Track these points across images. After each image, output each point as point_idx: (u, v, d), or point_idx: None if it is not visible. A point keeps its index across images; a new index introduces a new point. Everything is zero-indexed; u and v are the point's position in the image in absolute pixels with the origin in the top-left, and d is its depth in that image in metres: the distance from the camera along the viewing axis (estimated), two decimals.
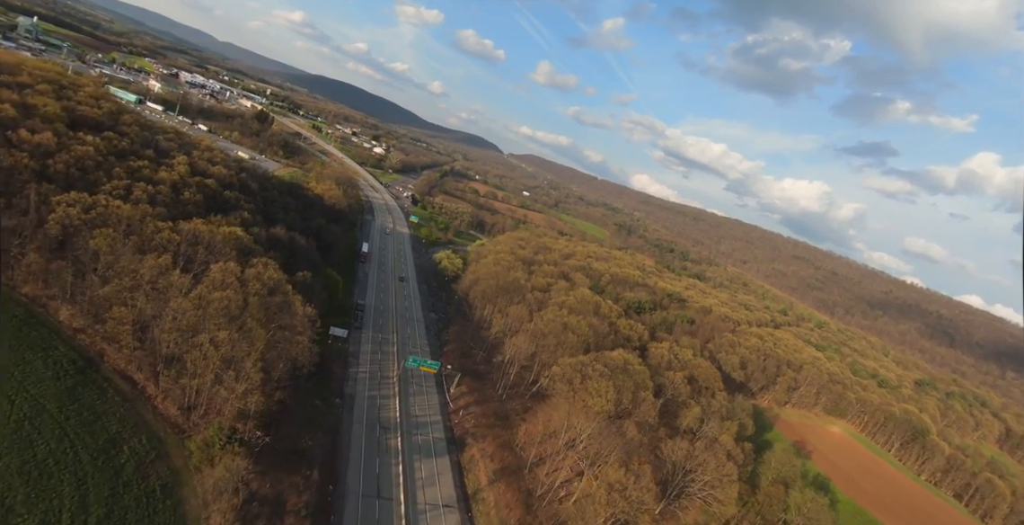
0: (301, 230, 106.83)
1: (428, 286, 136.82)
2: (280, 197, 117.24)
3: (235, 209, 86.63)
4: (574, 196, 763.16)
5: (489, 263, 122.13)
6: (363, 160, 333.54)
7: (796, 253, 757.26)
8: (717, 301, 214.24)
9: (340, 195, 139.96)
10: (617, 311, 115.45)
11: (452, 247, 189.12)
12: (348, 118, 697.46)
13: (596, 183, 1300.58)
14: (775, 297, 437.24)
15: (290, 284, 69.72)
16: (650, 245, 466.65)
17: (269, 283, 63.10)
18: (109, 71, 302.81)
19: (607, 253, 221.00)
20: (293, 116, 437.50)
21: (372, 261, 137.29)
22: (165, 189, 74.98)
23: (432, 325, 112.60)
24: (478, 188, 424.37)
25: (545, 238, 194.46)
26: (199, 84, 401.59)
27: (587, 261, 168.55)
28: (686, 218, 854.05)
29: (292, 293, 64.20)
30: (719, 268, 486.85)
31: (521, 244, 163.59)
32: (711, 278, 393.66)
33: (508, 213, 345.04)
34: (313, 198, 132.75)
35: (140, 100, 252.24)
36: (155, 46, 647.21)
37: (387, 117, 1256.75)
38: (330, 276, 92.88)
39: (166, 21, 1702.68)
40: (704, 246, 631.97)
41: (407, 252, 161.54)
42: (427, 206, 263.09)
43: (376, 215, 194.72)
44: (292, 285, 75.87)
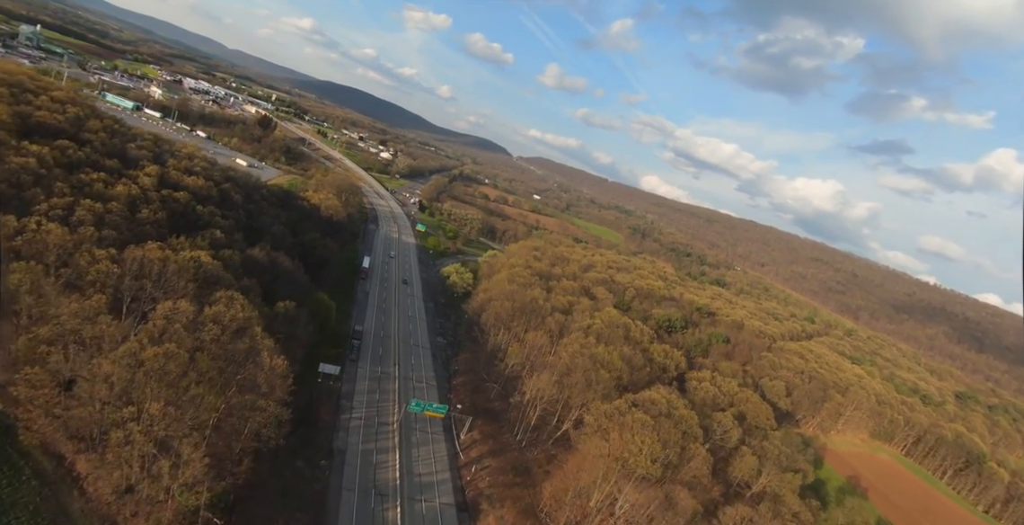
0: (290, 248, 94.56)
1: (435, 304, 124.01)
2: (270, 209, 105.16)
3: (208, 227, 74.40)
4: (585, 199, 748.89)
5: (503, 280, 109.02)
6: (369, 165, 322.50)
7: (814, 255, 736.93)
8: (746, 312, 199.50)
9: (339, 205, 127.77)
10: (648, 334, 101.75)
11: (462, 258, 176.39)
12: (356, 123, 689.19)
13: (607, 185, 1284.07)
14: (798, 302, 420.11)
15: (263, 322, 57.13)
16: (666, 249, 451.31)
17: (232, 324, 50.43)
18: (109, 78, 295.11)
19: (627, 262, 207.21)
20: (298, 121, 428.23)
21: (374, 277, 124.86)
22: (118, 207, 62.75)
23: (439, 352, 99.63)
24: (488, 192, 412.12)
25: (561, 247, 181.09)
26: (203, 90, 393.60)
27: (608, 273, 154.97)
28: (700, 220, 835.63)
29: (262, 336, 51.43)
30: (738, 272, 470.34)
31: (536, 255, 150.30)
32: (731, 284, 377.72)
33: (519, 218, 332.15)
34: (308, 209, 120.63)
35: (137, 106, 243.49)
36: (163, 54, 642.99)
37: (396, 122, 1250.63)
38: (320, 302, 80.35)
39: (176, 30, 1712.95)
40: (720, 249, 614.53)
41: (413, 265, 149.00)
42: (435, 213, 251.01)
43: (380, 224, 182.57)
44: (269, 321, 63.34)
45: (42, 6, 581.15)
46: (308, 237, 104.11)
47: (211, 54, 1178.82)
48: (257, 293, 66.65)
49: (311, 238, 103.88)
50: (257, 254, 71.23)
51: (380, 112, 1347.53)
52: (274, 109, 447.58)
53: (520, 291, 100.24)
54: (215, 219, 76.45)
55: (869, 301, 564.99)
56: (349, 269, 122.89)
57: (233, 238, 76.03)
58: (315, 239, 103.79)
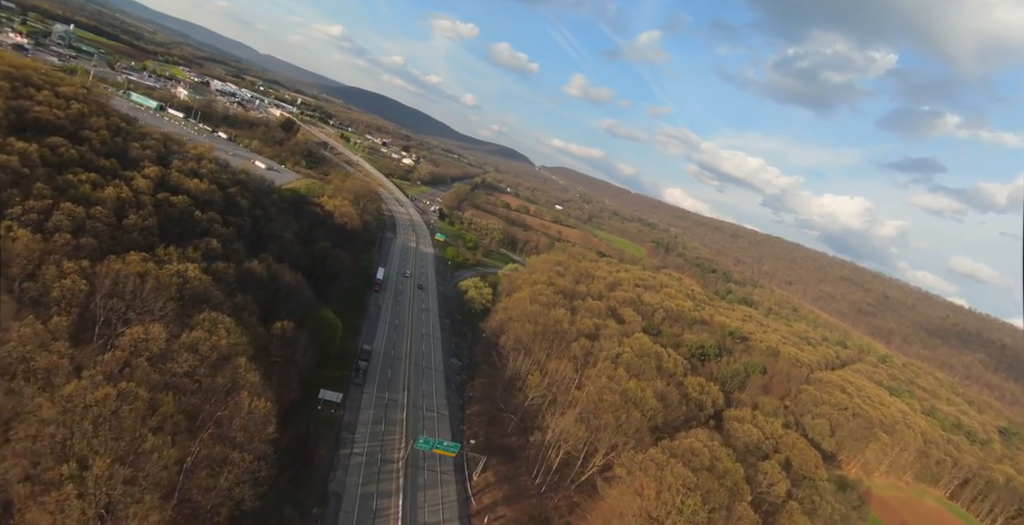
0: (297, 258, 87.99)
1: (451, 320, 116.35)
2: (279, 216, 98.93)
3: (206, 235, 67.92)
4: (608, 210, 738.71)
5: (524, 299, 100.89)
6: (390, 171, 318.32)
7: (843, 274, 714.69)
8: (779, 337, 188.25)
9: (353, 213, 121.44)
10: (682, 365, 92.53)
11: (481, 270, 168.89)
12: (380, 128, 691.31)
13: (629, 197, 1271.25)
14: (828, 324, 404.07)
15: (254, 348, 50.00)
16: (690, 264, 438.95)
17: (213, 354, 43.26)
18: (136, 77, 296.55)
19: (653, 278, 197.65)
20: (322, 125, 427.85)
21: (388, 290, 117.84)
22: (102, 211, 56.44)
23: (453, 376, 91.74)
24: (510, 201, 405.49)
25: (585, 262, 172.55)
26: (229, 92, 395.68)
27: (636, 292, 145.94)
28: (724, 235, 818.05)
29: (246, 369, 44.09)
30: (765, 290, 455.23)
31: (559, 270, 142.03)
32: (759, 303, 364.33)
33: (541, 229, 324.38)
34: (321, 216, 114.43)
35: (161, 106, 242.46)
36: (195, 56, 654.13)
37: (420, 128, 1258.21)
38: (325, 321, 73.23)
39: (211, 34, 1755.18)
40: (746, 265, 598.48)
41: (430, 276, 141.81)
42: (455, 221, 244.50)
43: (398, 232, 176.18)
44: (264, 343, 56.28)
45: (79, 7, 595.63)
46: (319, 246, 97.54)
47: (243, 58, 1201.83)
48: (252, 311, 59.70)
49: (322, 247, 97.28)
50: (256, 267, 64.32)
51: (405, 118, 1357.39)
52: (299, 113, 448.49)
53: (542, 312, 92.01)
54: (214, 227, 69.92)
55: (901, 324, 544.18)
56: (362, 280, 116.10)
57: (233, 248, 69.37)
58: (326, 249, 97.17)
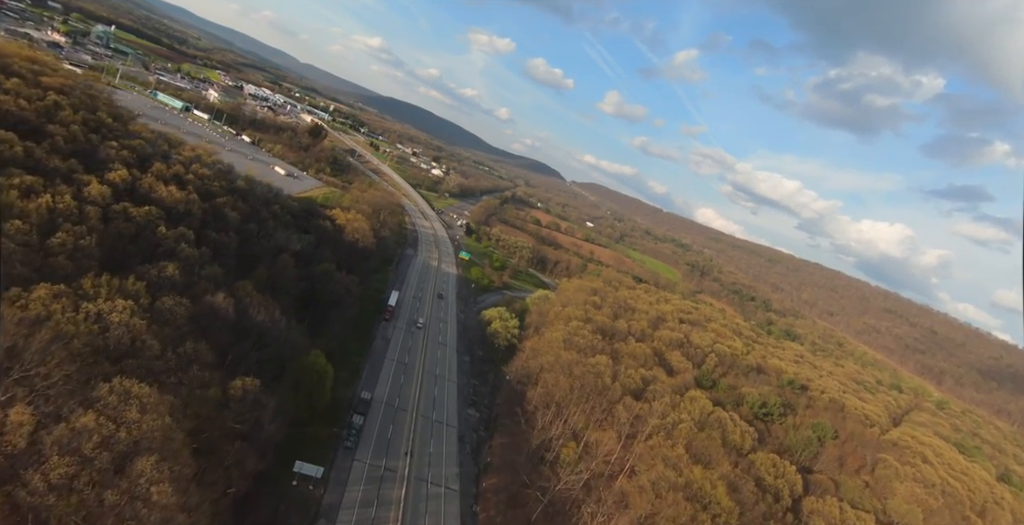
0: (289, 283, 73.96)
1: (471, 357, 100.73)
2: (279, 231, 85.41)
3: (169, 257, 54.11)
4: (640, 229, 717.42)
5: (557, 341, 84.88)
6: (418, 182, 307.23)
7: (886, 305, 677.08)
8: (837, 384, 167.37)
9: (366, 228, 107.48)
10: (750, 436, 74.91)
11: (508, 294, 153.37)
12: (412, 138, 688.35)
13: (661, 216, 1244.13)
14: (877, 363, 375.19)
15: (196, 419, 35.12)
16: (727, 291, 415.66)
17: (102, 456, 28.44)
18: (168, 78, 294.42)
19: (696, 310, 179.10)
20: (353, 133, 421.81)
21: (401, 317, 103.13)
22: (21, 228, 42.84)
23: (469, 433, 75.83)
24: (540, 217, 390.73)
25: (623, 290, 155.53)
26: (262, 97, 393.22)
27: (681, 329, 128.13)
28: (760, 259, 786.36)
29: (151, 475, 29.08)
30: (807, 321, 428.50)
31: (596, 301, 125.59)
32: (803, 336, 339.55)
33: (572, 248, 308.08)
34: (330, 231, 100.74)
35: (187, 107, 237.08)
36: (235, 62, 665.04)
37: (452, 140, 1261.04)
38: (311, 368, 58.39)
39: (254, 42, 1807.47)
40: (784, 293, 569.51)
41: (450, 302, 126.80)
42: (482, 237, 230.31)
43: (420, 249, 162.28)
44: (218, 409, 41.52)
45: (127, 10, 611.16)
46: (320, 268, 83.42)
47: (283, 66, 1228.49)
48: (207, 364, 45.18)
49: (324, 270, 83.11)
50: (220, 302, 49.89)
51: (438, 130, 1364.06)
52: (331, 119, 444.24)
53: (579, 361, 75.76)
54: (181, 247, 56.05)
55: (952, 364, 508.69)
56: (372, 305, 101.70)
57: (202, 274, 55.43)
58: (328, 271, 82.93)
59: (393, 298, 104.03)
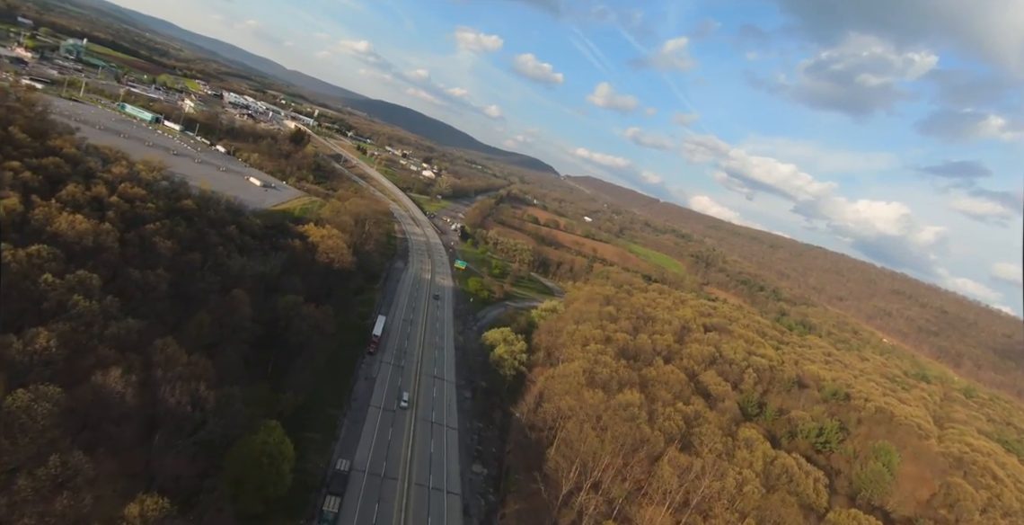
0: (241, 325, 59.39)
1: (474, 393, 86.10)
2: (234, 258, 70.73)
3: (57, 313, 39.52)
4: (639, 221, 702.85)
5: (576, 372, 70.53)
6: (408, 185, 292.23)
7: (894, 287, 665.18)
8: (875, 386, 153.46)
9: (343, 246, 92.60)
10: (822, 483, 60.74)
11: (511, 307, 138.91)
12: (402, 140, 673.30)
13: (658, 206, 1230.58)
14: (894, 349, 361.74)
15: None
16: (735, 281, 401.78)
17: None
18: (139, 89, 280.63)
19: (714, 309, 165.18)
20: (339, 137, 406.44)
21: (387, 348, 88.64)
22: None
23: (475, 500, 61.28)
24: (538, 215, 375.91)
25: (636, 295, 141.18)
26: (242, 105, 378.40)
27: (709, 339, 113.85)
28: (762, 245, 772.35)
29: None
30: (818, 309, 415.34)
31: (611, 312, 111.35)
32: (818, 325, 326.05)
33: (574, 246, 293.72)
34: (300, 252, 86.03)
35: (157, 119, 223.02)
36: (219, 72, 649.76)
37: (443, 140, 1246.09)
38: (261, 452, 43.77)
39: (240, 52, 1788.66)
40: (791, 280, 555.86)
41: (446, 322, 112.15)
42: (479, 241, 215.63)
43: (411, 260, 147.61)
44: None
45: (105, 25, 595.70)
46: (285, 301, 68.70)
47: (269, 74, 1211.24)
48: (88, 479, 30.68)
49: (289, 303, 68.36)
50: (113, 383, 35.21)
51: (428, 130, 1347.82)
52: (316, 124, 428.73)
53: (606, 403, 61.35)
54: (74, 299, 41.34)
55: (967, 345, 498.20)
56: (354, 335, 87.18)
57: (101, 336, 40.85)
58: (295, 305, 68.20)
59: (379, 326, 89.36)
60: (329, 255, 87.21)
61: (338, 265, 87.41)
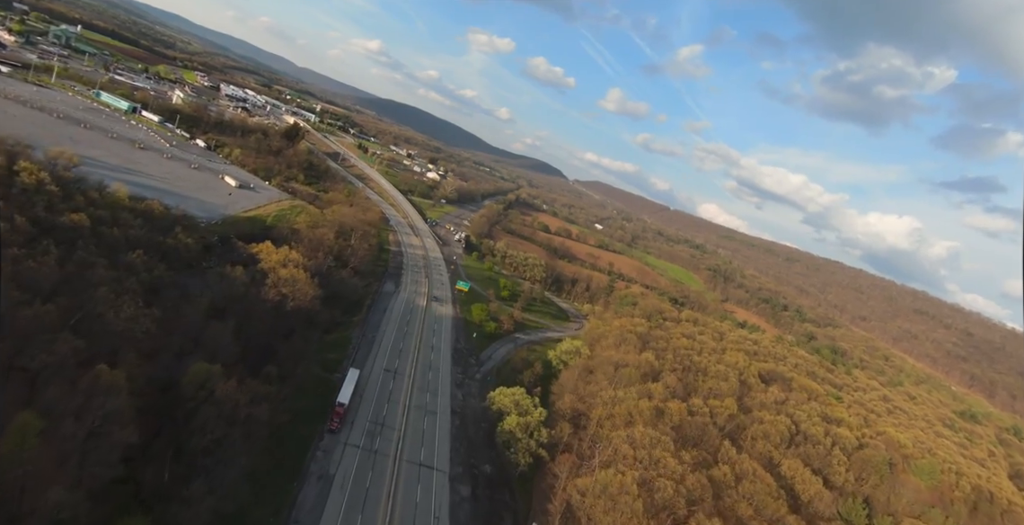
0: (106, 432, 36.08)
1: (474, 491, 62.26)
2: (127, 307, 47.63)
3: None
4: (650, 230, 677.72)
5: (627, 486, 46.91)
6: (410, 188, 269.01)
7: (916, 306, 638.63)
8: (948, 445, 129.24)
9: (304, 279, 69.19)
10: None
11: (522, 341, 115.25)
12: (409, 140, 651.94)
13: (668, 214, 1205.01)
14: (929, 379, 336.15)
15: None
16: (755, 299, 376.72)
17: None
18: (125, 78, 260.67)
19: (754, 344, 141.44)
20: (341, 134, 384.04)
21: (358, 418, 65.23)
22: None
23: None
24: (548, 222, 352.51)
25: (675, 332, 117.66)
26: (239, 97, 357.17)
27: (773, 400, 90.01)
28: (778, 259, 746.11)
29: None
30: (844, 331, 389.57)
31: (652, 361, 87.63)
32: (849, 352, 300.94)
33: (588, 259, 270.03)
34: (240, 287, 62.70)
35: (134, 109, 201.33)
36: (225, 66, 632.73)
37: (452, 141, 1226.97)
38: None
39: (251, 48, 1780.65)
40: (810, 296, 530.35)
41: (441, 370, 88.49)
42: (485, 254, 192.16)
43: (404, 280, 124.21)
44: None
45: (112, 15, 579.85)
46: (192, 376, 45.31)
47: (280, 71, 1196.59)
48: None
49: (196, 379, 45.01)
50: None
51: (437, 131, 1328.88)
52: (318, 120, 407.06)
53: None
54: None
55: (997, 371, 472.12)
56: (313, 403, 63.86)
57: None
58: (204, 382, 44.86)
59: (348, 386, 65.83)
60: (282, 290, 63.83)
61: (294, 304, 64.02)
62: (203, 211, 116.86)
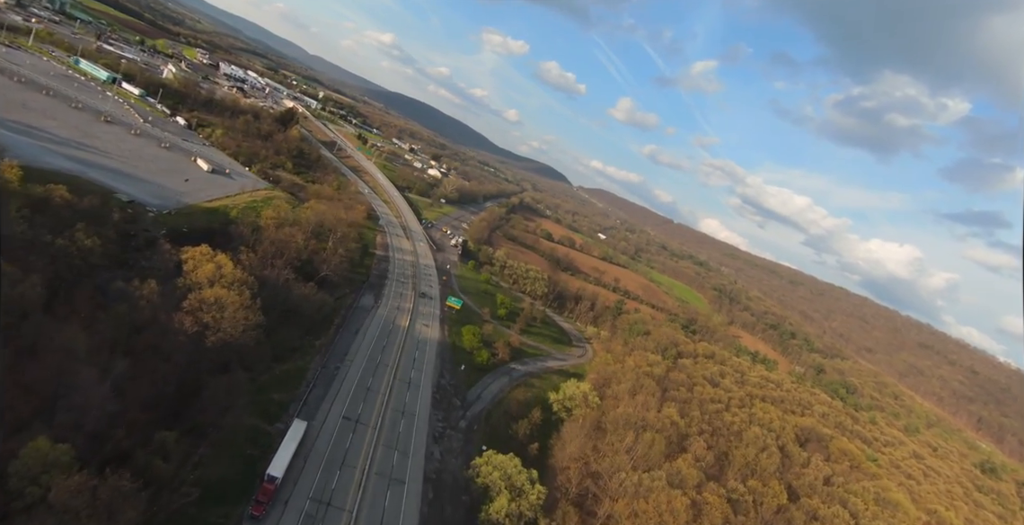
0: None
1: None
2: None
3: None
4: (654, 243, 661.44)
5: None
6: (409, 184, 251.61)
7: (921, 339, 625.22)
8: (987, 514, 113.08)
9: (236, 301, 52.11)
10: None
11: (517, 375, 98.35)
12: (415, 134, 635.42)
13: (671, 227, 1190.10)
14: (939, 421, 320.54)
15: None
16: (762, 323, 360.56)
17: None
18: (113, 47, 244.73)
19: (776, 388, 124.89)
20: (342, 123, 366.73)
21: (296, 493, 48.26)
22: None
23: None
24: (551, 229, 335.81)
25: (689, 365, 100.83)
26: (238, 77, 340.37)
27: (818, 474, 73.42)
28: (782, 280, 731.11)
29: None
30: (851, 363, 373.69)
31: (677, 421, 71.01)
32: (859, 388, 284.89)
33: (593, 272, 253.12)
34: (142, 310, 45.71)
35: (113, 79, 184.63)
36: (232, 46, 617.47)
37: (458, 139, 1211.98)
38: None
39: (263, 32, 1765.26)
40: (815, 323, 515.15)
41: (419, 416, 71.47)
42: (483, 262, 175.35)
43: (387, 292, 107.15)
44: None
45: None
46: (24, 461, 28.47)
47: (290, 57, 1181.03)
48: None
49: (29, 462, 28.21)
50: None
51: (444, 127, 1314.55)
52: (319, 107, 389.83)
53: None
54: None
55: (1006, 415, 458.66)
56: (238, 471, 47.16)
57: None
58: (42, 463, 28.10)
59: (284, 452, 48.76)
60: (202, 317, 46.83)
61: (216, 339, 46.98)
62: (157, 198, 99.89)
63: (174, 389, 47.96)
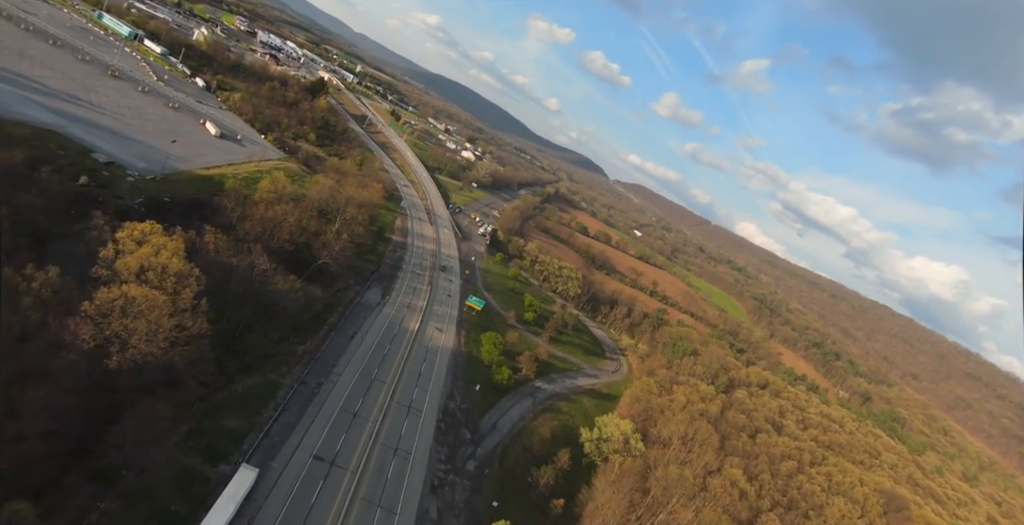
0: None
1: None
2: None
3: None
4: (692, 244, 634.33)
5: None
6: (440, 165, 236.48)
7: (969, 369, 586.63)
8: None
9: (167, 324, 37.24)
10: None
11: (543, 397, 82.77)
12: (452, 116, 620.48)
13: (708, 228, 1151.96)
14: (991, 464, 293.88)
15: None
16: (804, 340, 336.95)
17: None
18: (146, 6, 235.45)
19: (837, 429, 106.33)
20: (377, 99, 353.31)
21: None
22: None
23: None
24: (587, 223, 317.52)
25: (745, 398, 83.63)
26: (273, 46, 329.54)
27: None
28: (823, 293, 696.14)
29: None
30: (898, 391, 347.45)
31: (744, 487, 54.17)
32: (907, 421, 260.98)
33: (629, 272, 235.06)
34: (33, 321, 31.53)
35: (135, 35, 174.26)
36: (276, 18, 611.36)
37: (495, 124, 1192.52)
38: None
39: (309, 7, 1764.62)
40: (858, 342, 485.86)
41: (416, 453, 56.78)
42: (512, 255, 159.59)
43: (398, 287, 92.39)
44: None
45: None
46: None
47: (335, 33, 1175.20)
48: None
49: None
50: None
51: (483, 112, 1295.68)
52: (356, 81, 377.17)
53: None
54: None
55: None
56: None
57: None
58: None
59: (217, 517, 34.47)
60: (104, 330, 32.29)
61: (122, 358, 32.48)
62: (144, 161, 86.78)
63: (72, 420, 33.78)
